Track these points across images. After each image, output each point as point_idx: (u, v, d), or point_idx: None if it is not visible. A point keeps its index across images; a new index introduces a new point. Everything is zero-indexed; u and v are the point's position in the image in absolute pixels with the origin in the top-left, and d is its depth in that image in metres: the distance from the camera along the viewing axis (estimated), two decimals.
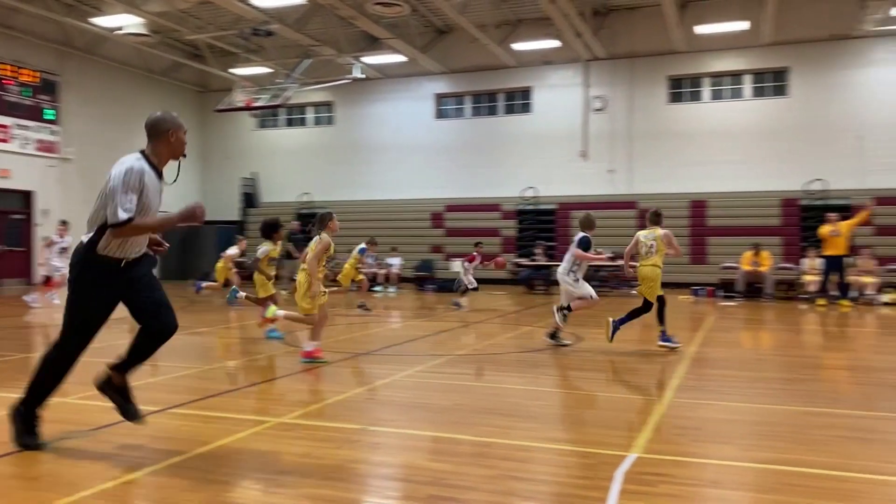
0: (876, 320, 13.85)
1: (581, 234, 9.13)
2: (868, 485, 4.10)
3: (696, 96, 23.06)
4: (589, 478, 4.18)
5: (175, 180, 4.58)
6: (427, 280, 22.18)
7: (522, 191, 23.95)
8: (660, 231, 8.91)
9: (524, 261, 21.51)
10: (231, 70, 24.26)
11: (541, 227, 23.33)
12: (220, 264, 14.36)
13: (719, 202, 21.84)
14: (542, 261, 20.67)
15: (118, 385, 4.59)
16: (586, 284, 9.17)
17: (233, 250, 14.31)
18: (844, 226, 16.10)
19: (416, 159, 25.60)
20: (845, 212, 20.28)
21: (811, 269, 17.58)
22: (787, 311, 15.30)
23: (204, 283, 15.42)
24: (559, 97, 24.14)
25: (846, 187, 20.63)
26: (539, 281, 20.58)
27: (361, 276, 13.98)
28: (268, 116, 27.32)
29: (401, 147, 25.84)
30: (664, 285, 8.92)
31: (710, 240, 21.49)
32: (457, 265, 16.91)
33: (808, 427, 5.37)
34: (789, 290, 18.56)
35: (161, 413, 5.43)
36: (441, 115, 25.99)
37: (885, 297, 16.51)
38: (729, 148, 22.12)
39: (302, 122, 27.99)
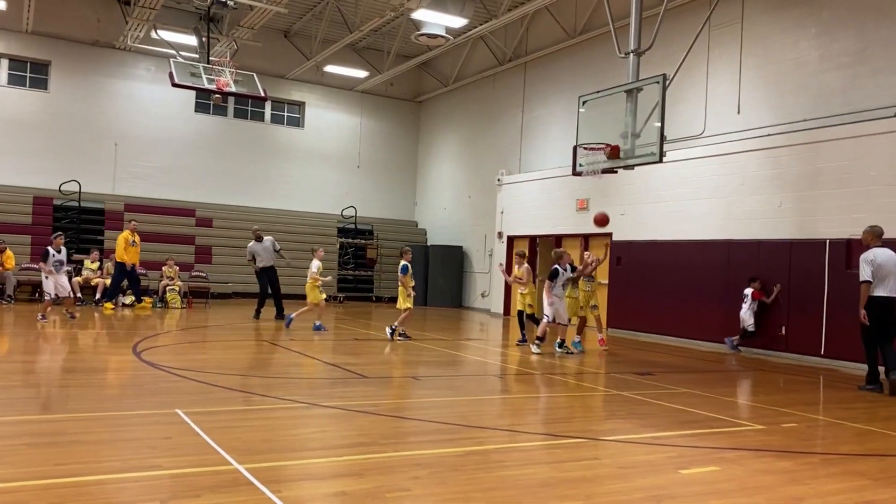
0: (117, 321, 14.40)
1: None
2: (73, 488, 3.97)
3: None
4: None
5: None
6: None
7: None
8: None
9: None
10: None
11: None
12: None
13: None
14: None
15: None
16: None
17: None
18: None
19: None
20: (100, 215, 20.79)
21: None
22: (31, 313, 14.56)
23: None
24: None
25: (100, 191, 21.10)
26: None
27: None
28: None
29: None
30: None
31: None
32: None
33: None
34: (35, 293, 17.80)
35: None
36: None
37: (127, 299, 17.39)
38: None
39: None
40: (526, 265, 12.83)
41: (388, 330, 12.56)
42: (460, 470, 4.69)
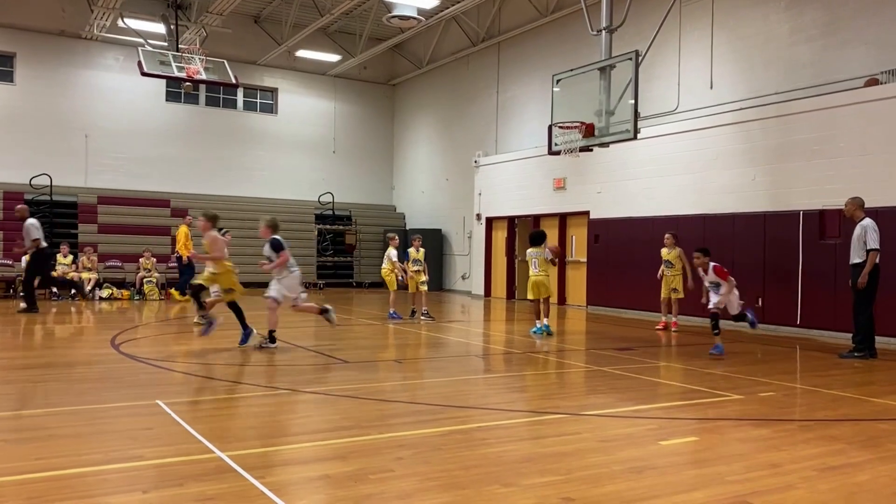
0: (94, 315, 14.26)
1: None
2: (53, 481, 3.94)
3: None
4: None
5: None
6: None
7: None
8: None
9: None
10: None
11: None
12: None
13: None
14: None
15: None
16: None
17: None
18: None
19: None
20: (73, 209, 20.49)
21: None
22: (6, 309, 14.36)
23: None
24: None
25: (72, 184, 20.79)
26: None
27: None
28: None
29: None
30: None
31: None
32: None
33: None
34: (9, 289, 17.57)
35: None
36: None
37: (104, 293, 17.23)
38: None
39: None
40: (213, 233, 9.45)
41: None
42: (443, 449, 4.72)
